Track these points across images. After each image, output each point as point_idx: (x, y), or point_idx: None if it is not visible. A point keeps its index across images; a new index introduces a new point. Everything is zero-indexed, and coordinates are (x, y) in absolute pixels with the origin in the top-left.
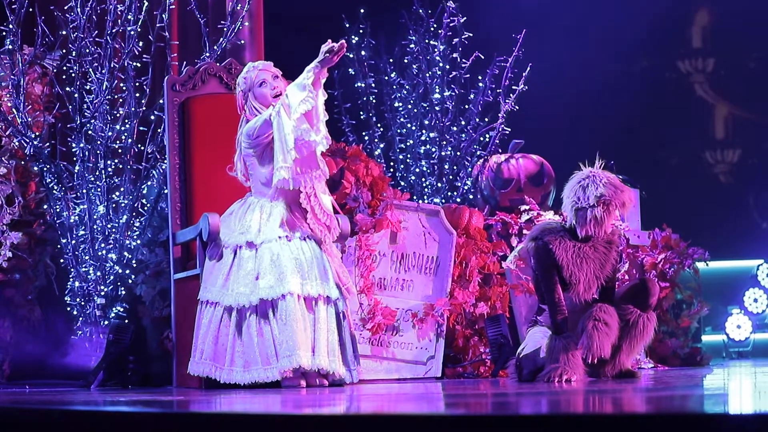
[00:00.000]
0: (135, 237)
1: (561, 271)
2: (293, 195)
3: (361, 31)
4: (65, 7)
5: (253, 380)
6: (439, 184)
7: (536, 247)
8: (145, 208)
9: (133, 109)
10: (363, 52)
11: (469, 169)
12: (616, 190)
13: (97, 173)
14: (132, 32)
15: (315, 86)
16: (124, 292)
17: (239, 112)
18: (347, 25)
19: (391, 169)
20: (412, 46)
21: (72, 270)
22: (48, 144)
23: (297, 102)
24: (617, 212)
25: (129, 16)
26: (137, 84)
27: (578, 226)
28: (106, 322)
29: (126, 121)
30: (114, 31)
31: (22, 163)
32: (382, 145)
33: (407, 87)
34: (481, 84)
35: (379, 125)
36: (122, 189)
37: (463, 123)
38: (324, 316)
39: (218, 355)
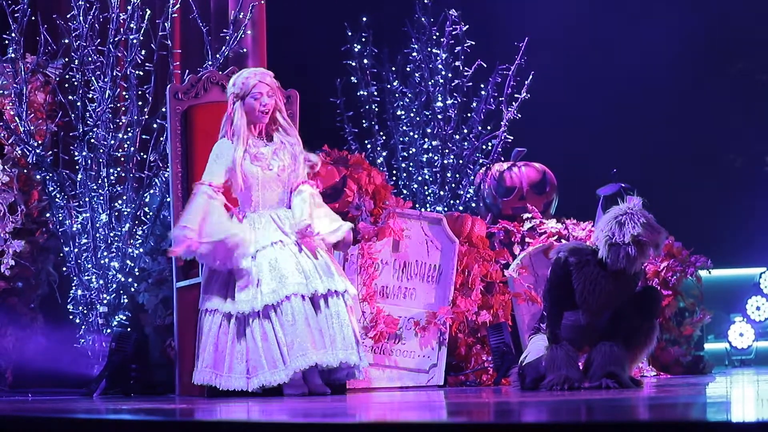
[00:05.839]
0: (137, 245)
1: (573, 293)
2: (276, 203)
3: (363, 39)
4: (68, 16)
5: (260, 384)
6: (442, 193)
7: (557, 260)
8: (148, 216)
9: (135, 117)
10: (365, 61)
11: (472, 178)
12: (653, 231)
13: (99, 181)
14: (134, 41)
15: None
16: (126, 301)
17: (226, 115)
18: (350, 33)
19: (394, 178)
20: (414, 54)
21: (74, 278)
22: (50, 152)
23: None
24: (650, 252)
25: (131, 25)
26: (140, 92)
27: (610, 260)
28: (109, 331)
29: (128, 129)
30: (116, 39)
31: (25, 171)
32: (384, 154)
33: (410, 95)
34: (483, 92)
35: (381, 133)
36: (125, 197)
37: (465, 131)
38: (335, 311)
39: (218, 363)
